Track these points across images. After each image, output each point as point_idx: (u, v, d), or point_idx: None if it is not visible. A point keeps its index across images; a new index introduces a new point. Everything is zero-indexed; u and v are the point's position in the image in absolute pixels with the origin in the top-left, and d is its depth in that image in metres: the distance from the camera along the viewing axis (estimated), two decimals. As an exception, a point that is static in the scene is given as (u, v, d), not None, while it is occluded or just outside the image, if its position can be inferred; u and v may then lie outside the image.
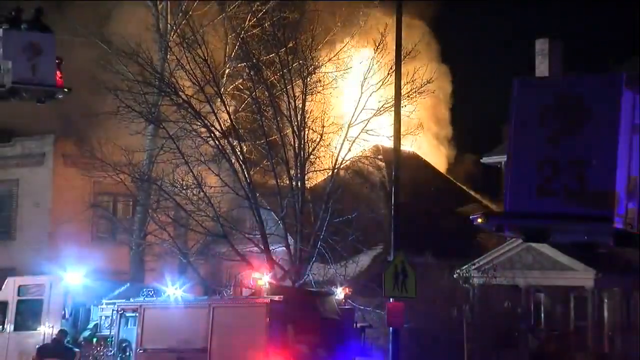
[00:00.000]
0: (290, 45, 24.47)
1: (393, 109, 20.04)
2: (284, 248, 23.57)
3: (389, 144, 20.68)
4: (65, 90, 17.89)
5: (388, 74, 23.41)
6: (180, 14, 28.29)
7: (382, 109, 23.62)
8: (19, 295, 21.38)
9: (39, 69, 17.27)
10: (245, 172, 23.66)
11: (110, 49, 26.53)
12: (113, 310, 19.55)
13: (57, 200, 31.82)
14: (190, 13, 28.13)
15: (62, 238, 29.59)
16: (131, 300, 19.59)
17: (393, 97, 20.30)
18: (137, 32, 26.61)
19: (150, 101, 24.71)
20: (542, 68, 33.24)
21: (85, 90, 24.54)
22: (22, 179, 33.15)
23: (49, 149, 32.67)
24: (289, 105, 23.81)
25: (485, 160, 33.29)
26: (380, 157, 26.89)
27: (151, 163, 25.89)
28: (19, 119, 31.18)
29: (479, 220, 12.13)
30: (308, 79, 24.04)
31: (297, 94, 23.84)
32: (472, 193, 35.11)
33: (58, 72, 17.57)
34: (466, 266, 27.88)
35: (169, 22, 28.68)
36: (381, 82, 23.88)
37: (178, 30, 27.34)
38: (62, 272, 21.07)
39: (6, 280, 22.00)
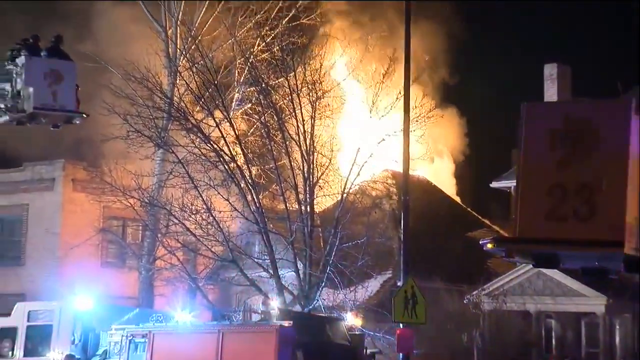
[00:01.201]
0: (299, 69, 24.52)
1: (402, 133, 20.01)
2: (293, 273, 23.51)
3: (399, 168, 20.63)
4: (83, 115, 18.44)
5: (397, 98, 23.51)
6: (190, 39, 28.49)
7: (391, 133, 23.63)
8: (28, 320, 21.33)
9: (59, 95, 17.74)
10: (254, 197, 23.65)
11: (119, 73, 26.70)
12: (122, 335, 19.48)
13: (67, 225, 31.87)
14: (200, 38, 28.46)
15: (72, 263, 29.59)
16: (140, 325, 19.53)
17: (402, 120, 20.26)
18: (146, 57, 26.69)
19: (160, 125, 24.79)
20: (550, 93, 33.21)
21: (95, 115, 24.60)
22: (31, 204, 33.22)
23: (58, 174, 32.80)
24: (297, 130, 23.84)
25: (494, 184, 33.20)
26: (389, 181, 26.83)
27: (160, 187, 25.89)
28: (29, 144, 31.46)
29: (489, 245, 12.06)
30: (317, 103, 24.05)
31: (305, 118, 23.86)
32: (482, 218, 35.01)
33: (76, 99, 18.12)
34: (476, 291, 27.73)
35: (178, 47, 28.91)
36: (390, 107, 23.94)
37: (187, 55, 27.54)
38: (71, 298, 21.02)
39: (15, 306, 21.97)
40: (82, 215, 31.13)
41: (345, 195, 23.65)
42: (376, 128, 23.89)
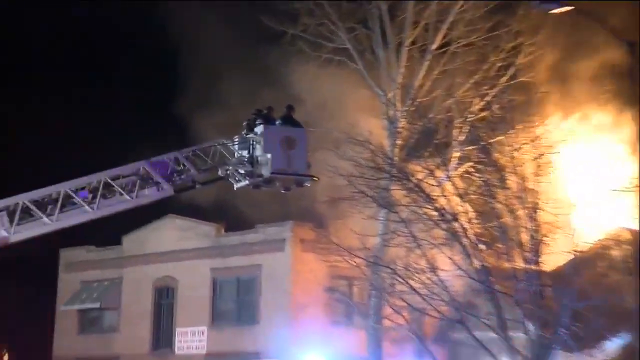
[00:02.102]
0: (520, 127, 23.26)
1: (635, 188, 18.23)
2: (522, 334, 21.83)
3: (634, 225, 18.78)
4: (314, 178, 19.12)
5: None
6: (410, 101, 28.24)
7: (623, 188, 21.68)
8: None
9: (293, 160, 18.57)
10: (478, 255, 22.32)
11: (342, 136, 26.37)
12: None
13: (297, 285, 31.73)
14: (419, 100, 28.17)
15: (302, 321, 29.38)
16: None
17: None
18: (367, 120, 26.96)
19: (382, 186, 24.18)
20: None
21: (321, 177, 24.33)
22: (264, 264, 33.35)
23: (288, 235, 32.82)
24: (520, 187, 22.40)
25: None
26: (623, 238, 24.68)
27: (384, 247, 25.24)
28: (260, 207, 31.78)
29: None
30: (539, 160, 22.51)
31: (528, 175, 22.42)
32: None
33: (308, 163, 18.99)
34: None
35: (398, 109, 28.61)
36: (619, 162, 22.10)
37: (407, 117, 27.46)
38: (303, 357, 20.41)
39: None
40: (310, 275, 30.92)
41: (576, 253, 21.88)
42: (607, 183, 22.11)
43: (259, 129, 18.86)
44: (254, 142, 19.00)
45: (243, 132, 19.54)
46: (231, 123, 26.04)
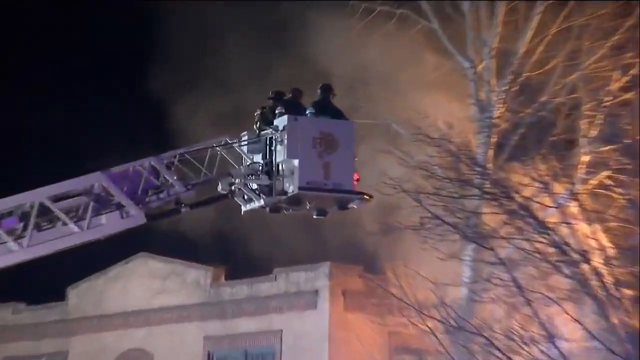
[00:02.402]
0: None
1: None
2: None
3: None
4: (365, 197, 19.13)
5: None
6: (511, 77, 28.88)
7: None
8: None
9: (332, 169, 18.78)
10: (622, 316, 22.40)
11: (407, 133, 27.42)
12: None
13: (337, 361, 32.30)
14: (526, 76, 28.88)
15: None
16: None
17: None
18: (445, 106, 27.77)
19: (469, 208, 24.49)
20: None
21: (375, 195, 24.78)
22: (286, 330, 33.77)
23: (323, 284, 33.24)
24: None
25: None
26: None
27: (473, 302, 25.85)
28: (280, 241, 32.63)
29: None
30: None
31: None
32: None
33: (355, 174, 19.05)
34: None
35: (494, 89, 29.26)
36: None
37: (508, 100, 28.34)
38: None
39: None
40: (357, 346, 31.28)
41: None
42: None
43: (280, 121, 19.12)
44: (273, 142, 19.25)
45: (255, 127, 19.82)
46: (236, 112, 26.57)
